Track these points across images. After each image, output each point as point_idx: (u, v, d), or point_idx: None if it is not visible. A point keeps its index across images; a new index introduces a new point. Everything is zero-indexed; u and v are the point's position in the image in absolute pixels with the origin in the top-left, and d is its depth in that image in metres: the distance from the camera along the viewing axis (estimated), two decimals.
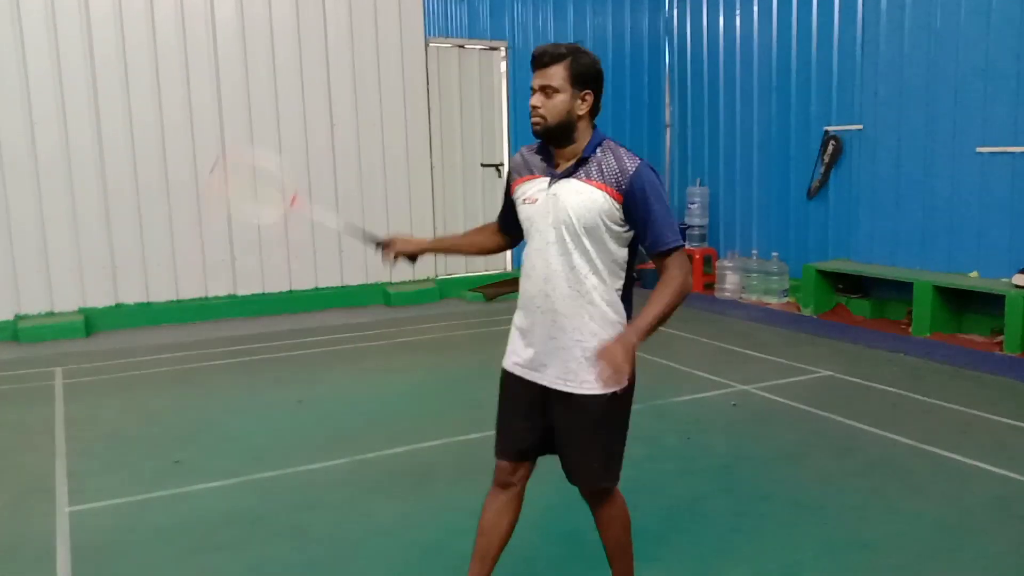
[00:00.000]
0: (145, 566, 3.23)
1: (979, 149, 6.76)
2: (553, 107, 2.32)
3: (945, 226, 7.10)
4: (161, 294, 7.83)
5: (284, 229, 8.26)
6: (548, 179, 2.40)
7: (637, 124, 10.04)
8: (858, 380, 5.54)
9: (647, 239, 2.35)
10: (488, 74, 9.21)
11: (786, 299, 8.35)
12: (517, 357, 2.52)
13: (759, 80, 8.83)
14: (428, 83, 8.87)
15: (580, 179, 2.34)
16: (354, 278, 8.69)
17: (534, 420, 2.52)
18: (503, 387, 2.61)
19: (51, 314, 7.40)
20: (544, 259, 2.39)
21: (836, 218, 8.11)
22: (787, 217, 8.65)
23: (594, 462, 2.48)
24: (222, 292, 8.09)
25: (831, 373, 5.72)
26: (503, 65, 9.24)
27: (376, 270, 8.78)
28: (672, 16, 9.98)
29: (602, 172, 2.32)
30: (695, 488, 3.85)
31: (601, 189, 2.30)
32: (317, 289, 8.51)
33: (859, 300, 7.68)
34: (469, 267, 9.35)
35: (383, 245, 2.77)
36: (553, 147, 2.42)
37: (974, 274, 6.84)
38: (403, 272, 8.87)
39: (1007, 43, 6.49)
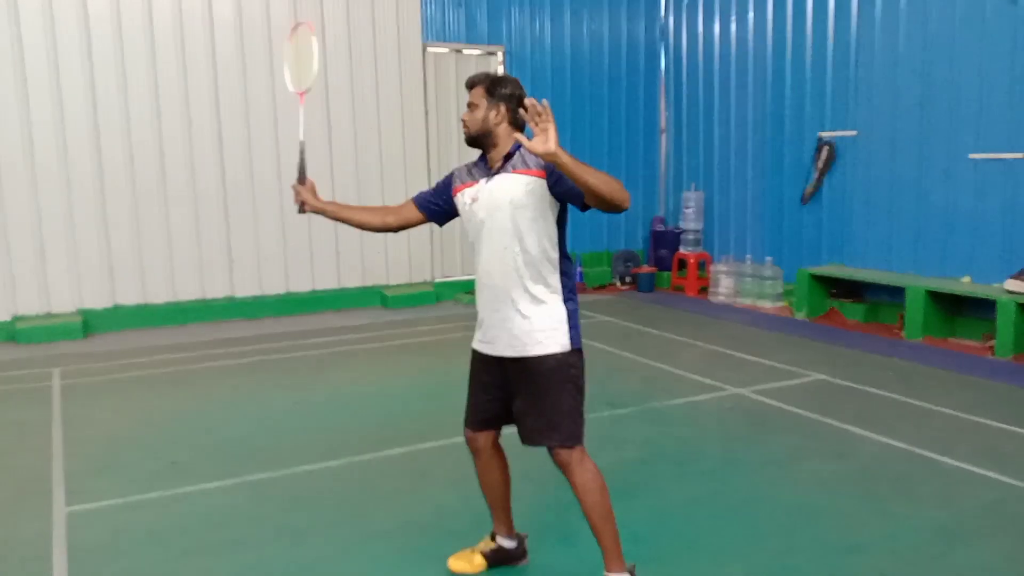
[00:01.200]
0: (141, 567, 3.25)
1: (972, 155, 6.81)
2: (473, 119, 2.82)
3: (938, 231, 7.15)
4: (159, 295, 7.85)
5: (282, 231, 8.29)
6: (485, 179, 2.84)
7: (633, 129, 10.09)
8: (851, 384, 5.57)
9: (575, 187, 2.57)
10: None
11: (780, 303, 8.39)
12: (478, 335, 2.92)
13: (754, 86, 8.87)
14: (425, 87, 8.91)
15: (508, 172, 2.77)
16: (351, 280, 8.71)
17: (494, 392, 2.90)
18: (471, 364, 2.99)
19: (49, 315, 7.41)
20: (485, 244, 2.80)
21: (830, 223, 8.16)
22: (781, 222, 8.70)
23: (542, 419, 2.76)
24: (219, 294, 8.11)
25: (824, 377, 5.75)
26: (500, 70, 9.27)
27: (373, 273, 8.80)
28: (668, 22, 10.03)
29: (525, 162, 2.75)
30: (689, 491, 3.87)
31: (526, 174, 2.73)
32: (314, 291, 8.53)
33: (852, 304, 7.72)
34: (466, 270, 9.38)
35: (299, 184, 3.07)
36: (485, 153, 2.87)
37: (966, 279, 6.89)
38: (400, 274, 8.90)
39: (1000, 50, 6.54)
